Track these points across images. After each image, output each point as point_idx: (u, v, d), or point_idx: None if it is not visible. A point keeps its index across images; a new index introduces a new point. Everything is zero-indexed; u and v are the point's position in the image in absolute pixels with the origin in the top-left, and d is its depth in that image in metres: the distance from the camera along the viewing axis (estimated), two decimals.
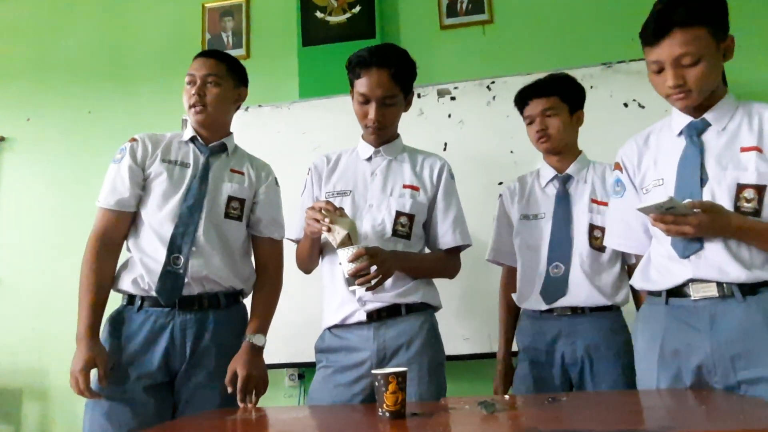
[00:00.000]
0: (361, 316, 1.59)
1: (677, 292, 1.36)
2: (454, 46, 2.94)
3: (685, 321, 1.34)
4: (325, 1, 3.00)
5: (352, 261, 1.44)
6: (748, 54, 2.65)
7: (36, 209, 3.10)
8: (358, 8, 2.96)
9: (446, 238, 1.69)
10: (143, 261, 1.61)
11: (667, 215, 1.25)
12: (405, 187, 1.69)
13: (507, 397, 1.35)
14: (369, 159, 1.75)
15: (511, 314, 1.92)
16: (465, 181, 1.95)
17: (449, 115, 2.62)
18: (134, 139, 1.72)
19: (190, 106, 1.69)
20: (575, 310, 1.72)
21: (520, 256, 1.87)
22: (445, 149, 2.56)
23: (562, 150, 1.84)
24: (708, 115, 1.39)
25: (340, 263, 1.49)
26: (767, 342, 1.24)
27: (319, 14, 2.99)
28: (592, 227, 1.75)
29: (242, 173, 1.80)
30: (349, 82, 1.69)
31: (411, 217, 1.67)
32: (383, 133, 1.70)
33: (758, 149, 1.32)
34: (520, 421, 1.07)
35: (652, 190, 1.43)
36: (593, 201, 1.79)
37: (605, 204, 1.75)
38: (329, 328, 1.66)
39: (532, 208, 1.86)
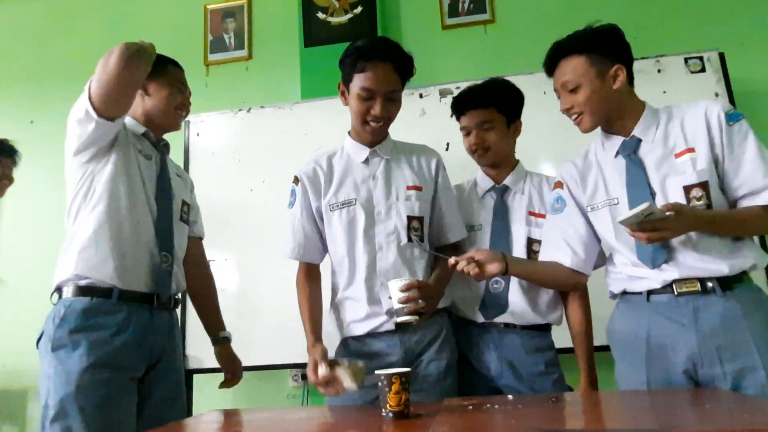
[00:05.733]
0: (390, 326, 1.59)
1: (658, 289, 1.40)
2: (456, 45, 2.95)
3: (667, 316, 1.38)
4: (327, 2, 3.00)
5: (403, 291, 1.45)
6: (750, 52, 2.65)
7: (39, 211, 3.11)
8: (359, 9, 2.96)
9: (453, 232, 1.72)
10: (124, 254, 1.57)
11: (646, 223, 1.27)
12: (409, 188, 1.67)
13: (510, 397, 1.35)
14: (365, 161, 1.70)
15: None
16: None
17: (452, 115, 2.61)
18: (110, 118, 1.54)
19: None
20: (508, 325, 1.69)
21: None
22: (447, 149, 2.56)
23: (500, 163, 1.80)
24: (636, 132, 1.47)
25: (389, 297, 1.49)
26: (747, 333, 1.31)
27: (320, 15, 2.99)
28: (530, 241, 1.71)
29: (180, 177, 1.86)
30: (345, 77, 1.62)
31: (421, 220, 1.66)
32: (384, 129, 1.67)
33: (690, 150, 1.39)
34: (523, 420, 1.07)
35: (604, 209, 1.49)
36: (530, 213, 1.74)
37: (543, 216, 1.73)
38: (352, 338, 1.64)
39: (470, 219, 1.80)
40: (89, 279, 1.54)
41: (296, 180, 1.73)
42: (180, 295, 1.78)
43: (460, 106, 1.81)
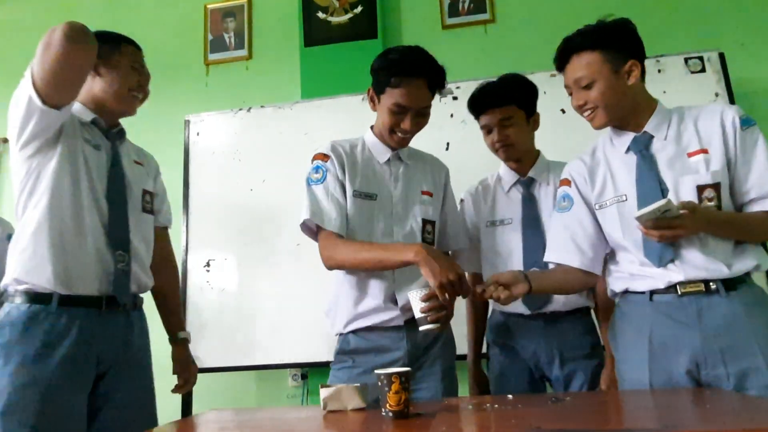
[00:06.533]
0: (399, 321, 1.59)
1: (662, 289, 1.39)
2: (456, 45, 2.95)
3: (670, 316, 1.37)
4: (327, 2, 3.00)
5: (425, 300, 1.45)
6: (750, 52, 2.65)
7: None
8: (359, 8, 2.96)
9: (455, 240, 1.77)
10: (66, 256, 1.43)
11: (661, 220, 1.26)
12: (423, 193, 1.70)
13: (510, 397, 1.35)
14: (387, 161, 1.70)
15: (479, 320, 1.91)
16: (467, 181, 1.95)
17: (451, 115, 2.61)
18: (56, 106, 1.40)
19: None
20: (553, 313, 1.72)
21: (490, 264, 1.82)
22: (447, 149, 2.56)
23: (523, 156, 1.83)
24: (648, 128, 1.46)
25: (405, 304, 1.51)
26: (750, 334, 1.30)
27: (320, 15, 2.99)
28: None
29: (141, 164, 1.71)
30: (377, 85, 1.63)
31: (433, 224, 1.69)
32: (409, 140, 1.68)
33: (704, 151, 1.38)
34: (523, 420, 1.07)
35: (612, 206, 1.48)
36: None
37: None
38: (354, 331, 1.62)
39: (498, 213, 1.84)
40: (27, 284, 1.41)
41: (324, 156, 1.67)
42: (142, 295, 1.65)
43: (479, 105, 1.82)
